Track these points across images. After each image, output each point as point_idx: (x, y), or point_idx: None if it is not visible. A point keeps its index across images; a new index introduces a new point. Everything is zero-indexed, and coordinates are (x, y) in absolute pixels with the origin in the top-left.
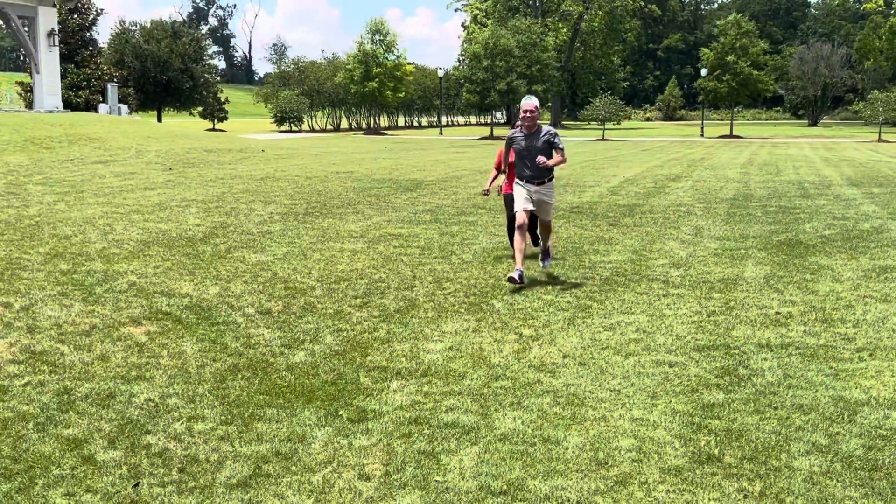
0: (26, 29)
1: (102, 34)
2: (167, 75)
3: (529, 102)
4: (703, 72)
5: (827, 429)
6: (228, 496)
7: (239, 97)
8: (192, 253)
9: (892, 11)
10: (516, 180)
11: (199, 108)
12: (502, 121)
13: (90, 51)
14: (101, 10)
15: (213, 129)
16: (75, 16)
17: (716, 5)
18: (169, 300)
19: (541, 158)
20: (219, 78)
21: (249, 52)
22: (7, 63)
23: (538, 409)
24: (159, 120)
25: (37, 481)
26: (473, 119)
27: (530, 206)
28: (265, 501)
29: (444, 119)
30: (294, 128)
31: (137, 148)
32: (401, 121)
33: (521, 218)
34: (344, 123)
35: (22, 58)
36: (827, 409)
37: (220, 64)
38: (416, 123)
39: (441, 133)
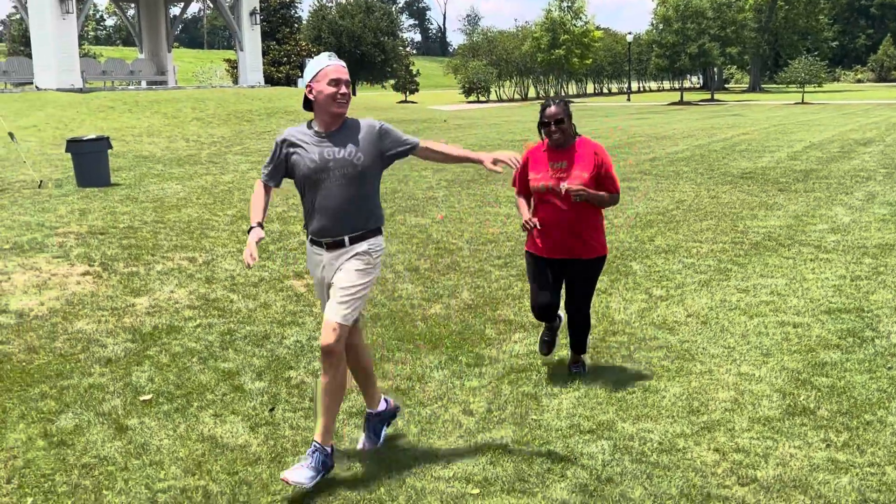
0: (231, 9)
1: (306, 11)
2: (360, 50)
3: (336, 64)
4: None
5: None
6: (346, 422)
7: (432, 69)
8: None
9: None
10: (308, 244)
11: (392, 81)
12: (697, 85)
13: (290, 28)
14: None
15: (405, 101)
16: None
17: None
18: None
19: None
20: (414, 51)
21: (444, 23)
22: (221, 41)
23: (647, 361)
24: (353, 93)
25: (192, 403)
26: (667, 84)
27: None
28: None
29: (635, 85)
30: (481, 98)
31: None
32: (589, 88)
33: (326, 340)
34: (531, 92)
35: (230, 36)
36: None
37: (416, 37)
38: (605, 90)
39: (629, 99)
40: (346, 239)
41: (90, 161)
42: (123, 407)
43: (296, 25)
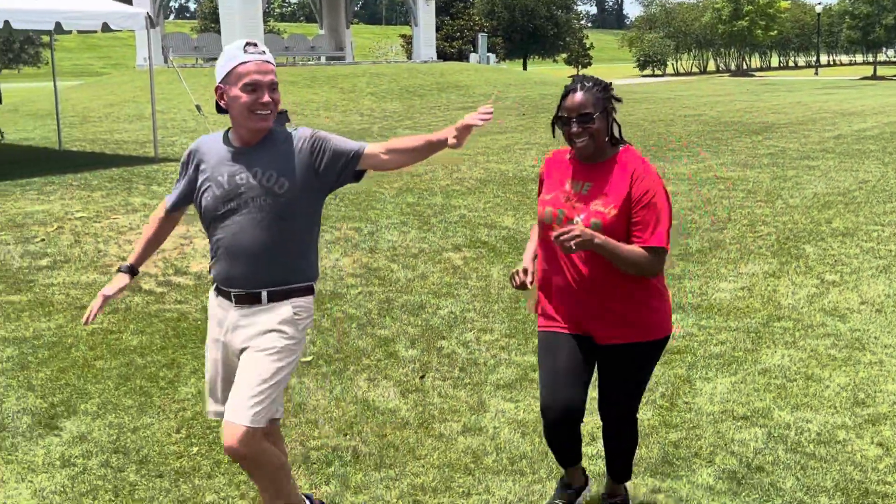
0: None
1: None
2: (533, 24)
3: (254, 60)
4: None
5: None
6: (493, 393)
7: (606, 42)
8: (520, 191)
9: None
10: (211, 294)
11: (564, 55)
12: (894, 59)
13: (464, 3)
14: None
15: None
16: None
17: None
18: (489, 231)
19: None
20: (589, 24)
21: None
22: (398, 17)
23: (812, 349)
24: (524, 68)
25: (349, 367)
26: (859, 58)
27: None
28: (522, 401)
29: (823, 58)
30: (657, 72)
31: (497, 95)
32: (774, 61)
33: (230, 442)
34: (711, 66)
35: (406, 11)
36: None
37: (591, 9)
38: (791, 63)
39: (816, 73)
40: (264, 294)
41: None
42: None
43: (469, 0)
